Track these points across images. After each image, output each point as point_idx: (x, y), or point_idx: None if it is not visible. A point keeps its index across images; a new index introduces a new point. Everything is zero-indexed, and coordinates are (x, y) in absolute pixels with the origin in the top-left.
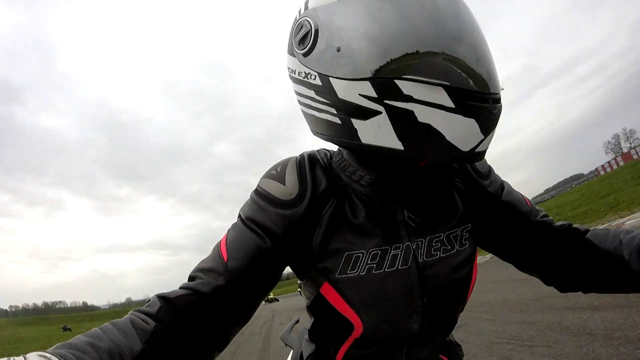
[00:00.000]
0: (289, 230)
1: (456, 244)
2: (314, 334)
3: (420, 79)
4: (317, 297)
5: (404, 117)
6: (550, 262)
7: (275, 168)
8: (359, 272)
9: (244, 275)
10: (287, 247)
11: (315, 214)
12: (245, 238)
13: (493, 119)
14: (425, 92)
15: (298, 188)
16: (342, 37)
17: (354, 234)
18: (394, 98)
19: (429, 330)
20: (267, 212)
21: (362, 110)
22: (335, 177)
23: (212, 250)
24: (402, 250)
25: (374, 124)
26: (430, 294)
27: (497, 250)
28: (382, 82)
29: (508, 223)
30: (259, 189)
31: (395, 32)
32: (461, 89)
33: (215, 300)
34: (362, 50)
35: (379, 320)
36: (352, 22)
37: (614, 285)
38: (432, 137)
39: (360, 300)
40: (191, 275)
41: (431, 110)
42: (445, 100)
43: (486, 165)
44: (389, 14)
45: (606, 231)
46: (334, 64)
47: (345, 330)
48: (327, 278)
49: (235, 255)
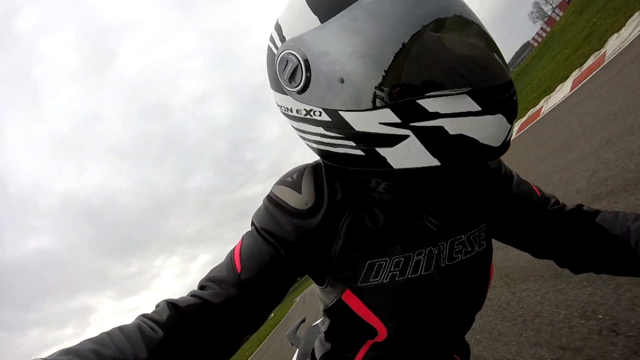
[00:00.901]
0: (304, 240)
1: (476, 244)
2: (330, 335)
3: (444, 93)
4: (338, 302)
5: (435, 134)
6: (563, 247)
7: (291, 175)
8: (382, 280)
9: (256, 287)
10: (302, 256)
11: (332, 224)
12: (259, 249)
13: (515, 106)
14: (451, 104)
15: (314, 197)
16: (341, 67)
17: (374, 242)
18: (420, 119)
19: (450, 331)
20: (280, 221)
21: (386, 138)
22: (352, 185)
23: (225, 258)
24: (425, 256)
25: (403, 149)
26: (453, 297)
27: (512, 241)
28: (403, 106)
29: (520, 215)
30: (273, 196)
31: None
32: (484, 89)
33: (225, 311)
34: (370, 77)
35: (403, 325)
36: (349, 47)
37: (623, 270)
38: (466, 145)
39: (384, 307)
40: (202, 284)
41: (461, 120)
42: (472, 106)
43: (496, 160)
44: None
45: (615, 214)
46: (340, 97)
47: (367, 335)
48: (349, 286)
49: (249, 266)
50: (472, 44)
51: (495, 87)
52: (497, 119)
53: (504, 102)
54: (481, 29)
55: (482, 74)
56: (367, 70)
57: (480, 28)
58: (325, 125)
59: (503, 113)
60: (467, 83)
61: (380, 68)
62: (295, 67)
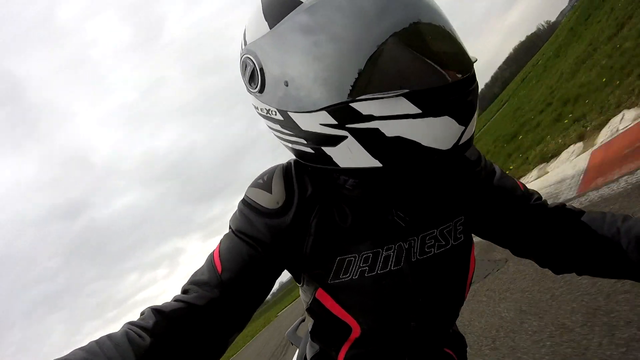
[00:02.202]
0: (278, 239)
1: (450, 238)
2: (315, 335)
3: (376, 96)
4: (314, 301)
5: (372, 135)
6: (545, 245)
7: (262, 177)
8: (351, 277)
9: (238, 286)
10: (278, 255)
11: (303, 221)
12: (238, 249)
13: (469, 107)
14: (386, 107)
15: (285, 196)
16: (286, 71)
17: (344, 238)
18: (355, 121)
19: (428, 326)
20: (254, 222)
21: (328, 138)
22: (322, 182)
23: (205, 261)
24: (394, 251)
25: (344, 149)
26: (426, 292)
27: (492, 236)
28: (338, 109)
29: (502, 209)
30: (246, 199)
31: (334, 52)
32: (423, 90)
33: (210, 313)
34: (308, 81)
35: (376, 322)
36: (290, 52)
37: (610, 271)
38: (407, 148)
39: (356, 303)
40: (185, 287)
41: (397, 123)
42: (410, 108)
43: (475, 152)
44: (323, 36)
45: (602, 215)
46: (286, 99)
47: (344, 332)
48: (320, 284)
49: (229, 267)
50: (414, 45)
51: (438, 89)
52: (443, 121)
53: (451, 103)
54: (436, 27)
55: (422, 75)
56: (305, 74)
57: (434, 27)
58: (281, 124)
59: (451, 115)
60: (403, 84)
61: (315, 72)
62: (253, 70)
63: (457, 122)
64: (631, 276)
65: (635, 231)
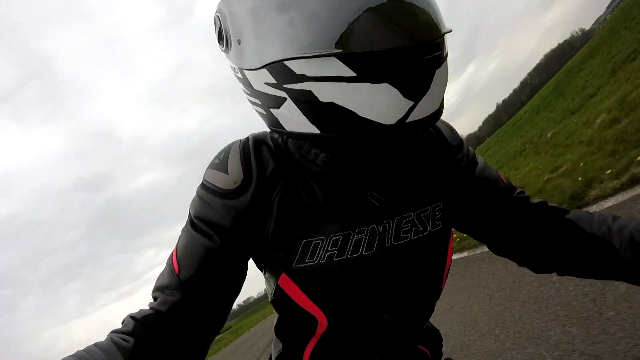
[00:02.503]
0: (238, 222)
1: (428, 224)
2: (280, 331)
3: (306, 54)
4: (277, 290)
5: (306, 98)
6: (525, 242)
7: (219, 156)
8: (318, 261)
9: (199, 284)
10: (239, 240)
11: (264, 201)
12: (193, 243)
13: (422, 78)
14: (318, 66)
15: (242, 175)
16: (239, 29)
17: (311, 218)
18: (290, 81)
19: (402, 321)
20: (212, 205)
21: (272, 98)
22: (288, 157)
23: (166, 262)
24: (367, 235)
25: (286, 111)
26: (400, 281)
27: (470, 229)
28: (275, 67)
29: (482, 199)
30: (204, 182)
31: (274, 12)
32: (361, 52)
33: (176, 318)
34: (254, 39)
35: (345, 313)
36: (242, 10)
37: (599, 272)
38: (342, 115)
39: (322, 291)
40: (152, 294)
41: (329, 86)
42: (343, 70)
43: (457, 138)
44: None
45: (589, 214)
46: (241, 57)
47: (310, 327)
48: (284, 268)
49: (186, 265)
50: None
51: (380, 52)
52: (383, 90)
53: (394, 70)
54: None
55: (360, 36)
56: (250, 31)
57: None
58: (243, 83)
59: (393, 84)
60: (339, 45)
61: (259, 28)
62: (220, 28)
63: (402, 94)
64: (624, 277)
65: (629, 230)
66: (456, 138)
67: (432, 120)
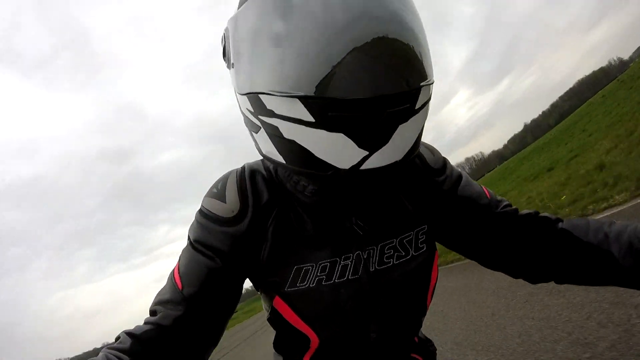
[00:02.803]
0: (236, 247)
1: (411, 248)
2: (278, 346)
3: (274, 93)
4: (272, 311)
5: (274, 132)
6: (516, 254)
7: (216, 185)
8: (308, 285)
9: (201, 300)
10: (237, 264)
11: (260, 228)
12: (196, 263)
13: (375, 131)
14: (285, 106)
15: (239, 204)
16: (236, 52)
17: (301, 246)
18: (262, 113)
19: (389, 338)
20: (211, 231)
21: (251, 123)
22: (280, 187)
23: (167, 280)
24: (352, 260)
25: (260, 138)
26: (386, 302)
27: (458, 247)
28: (253, 97)
29: (467, 218)
30: (203, 209)
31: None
32: (320, 99)
33: (178, 331)
34: (242, 67)
35: (334, 332)
36: (237, 39)
37: (598, 279)
38: (301, 153)
39: (313, 312)
40: (151, 309)
41: (292, 126)
42: (304, 114)
43: (440, 160)
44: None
45: (585, 221)
46: (234, 79)
47: (304, 344)
48: (277, 292)
49: (189, 282)
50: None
51: (338, 101)
52: (337, 138)
53: (349, 121)
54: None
55: (324, 83)
56: (241, 58)
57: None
58: (238, 101)
59: (347, 133)
60: (304, 89)
61: (245, 58)
62: (224, 45)
63: (357, 144)
64: (623, 283)
65: (627, 236)
66: (438, 160)
67: (390, 170)
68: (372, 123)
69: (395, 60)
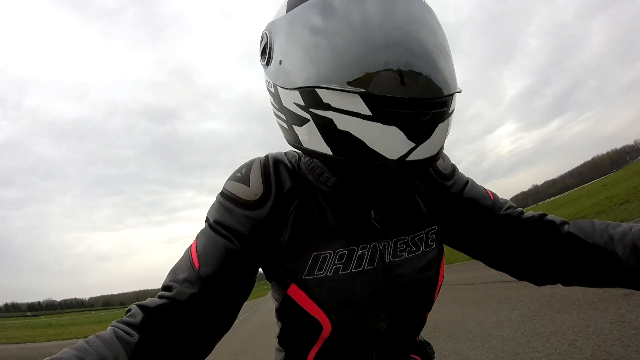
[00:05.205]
0: (256, 231)
1: (422, 245)
2: (283, 339)
3: (336, 87)
4: (285, 298)
5: (326, 124)
6: (520, 256)
7: (240, 170)
8: (326, 273)
9: (217, 281)
10: (255, 247)
11: (281, 214)
12: (214, 243)
13: (422, 127)
14: (342, 100)
15: (262, 189)
16: (284, 51)
17: (320, 234)
18: (316, 106)
19: (397, 330)
20: (233, 213)
21: (297, 117)
22: (302, 177)
23: (182, 258)
24: (369, 251)
25: (306, 131)
26: (397, 293)
27: (465, 248)
28: (307, 91)
29: (472, 219)
30: (225, 191)
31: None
32: (380, 96)
33: (192, 308)
34: (294, 63)
35: (347, 319)
36: (287, 36)
37: (604, 281)
38: (354, 144)
39: (328, 300)
40: (166, 285)
41: (348, 118)
42: (362, 108)
43: (449, 166)
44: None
45: (590, 223)
46: (279, 75)
47: (314, 331)
48: (294, 279)
49: (206, 261)
50: (392, 57)
51: (393, 99)
52: (390, 131)
53: (404, 116)
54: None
55: (383, 84)
56: (293, 57)
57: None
58: (273, 97)
59: (400, 127)
60: (364, 85)
61: (300, 58)
62: (265, 44)
63: (407, 136)
64: (628, 284)
65: (631, 237)
66: (448, 166)
67: (429, 163)
68: (421, 120)
69: (439, 71)
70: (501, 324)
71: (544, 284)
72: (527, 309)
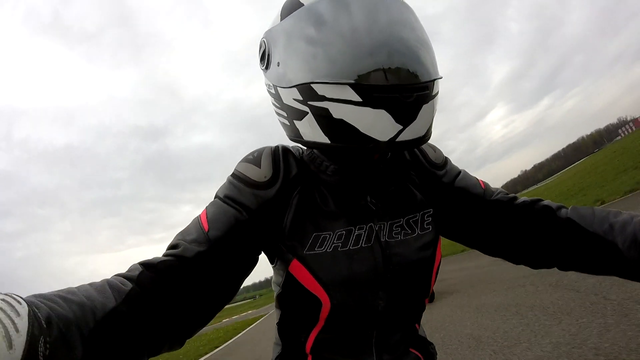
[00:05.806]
0: (262, 208)
1: (417, 227)
2: (282, 327)
3: (328, 81)
4: (286, 279)
5: (323, 114)
6: (514, 241)
7: (252, 153)
8: (325, 250)
9: (224, 245)
10: (260, 223)
11: (285, 197)
12: (224, 211)
13: (408, 109)
14: (335, 91)
15: (271, 172)
16: (281, 54)
17: (321, 217)
18: (313, 99)
19: (395, 312)
20: (242, 191)
21: (297, 112)
22: (306, 167)
23: (191, 224)
24: (366, 230)
25: (306, 123)
26: (394, 270)
27: (460, 237)
28: (304, 87)
29: (464, 207)
30: (236, 172)
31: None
32: (368, 85)
33: (197, 266)
34: (291, 65)
35: (346, 295)
36: (283, 40)
37: (601, 269)
38: (348, 130)
39: (328, 276)
40: (173, 244)
41: (342, 106)
42: (353, 96)
43: (442, 157)
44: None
45: (590, 210)
46: (278, 76)
47: (314, 311)
48: (295, 255)
49: (216, 226)
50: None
51: (381, 86)
52: (380, 114)
53: (390, 100)
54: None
55: (369, 74)
56: (290, 59)
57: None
58: (274, 98)
59: (387, 110)
60: (352, 77)
61: (296, 60)
62: (264, 51)
63: (394, 119)
64: (626, 275)
65: (632, 228)
66: (439, 156)
67: (417, 143)
68: (405, 103)
69: (419, 61)
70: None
71: (540, 268)
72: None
